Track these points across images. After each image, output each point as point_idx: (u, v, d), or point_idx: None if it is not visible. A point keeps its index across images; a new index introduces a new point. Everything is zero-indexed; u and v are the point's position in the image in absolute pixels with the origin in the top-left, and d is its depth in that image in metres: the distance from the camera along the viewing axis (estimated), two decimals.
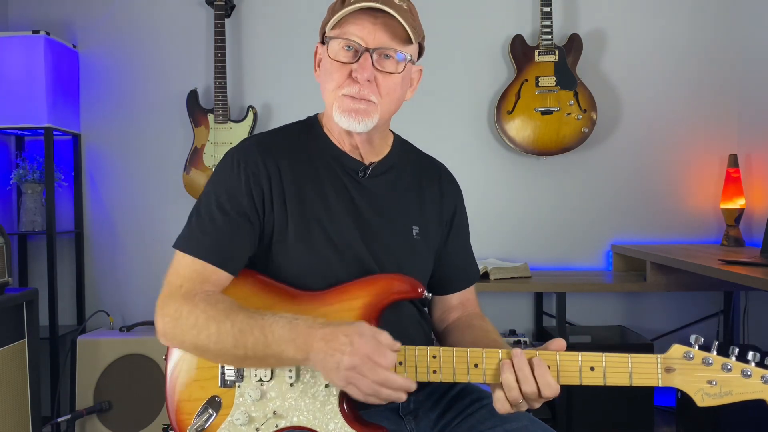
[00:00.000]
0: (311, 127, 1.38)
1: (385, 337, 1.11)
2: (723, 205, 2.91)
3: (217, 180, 1.31)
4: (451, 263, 1.45)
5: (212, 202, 1.28)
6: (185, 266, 1.25)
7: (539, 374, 1.12)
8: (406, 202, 1.38)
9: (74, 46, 3.09)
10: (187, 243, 1.26)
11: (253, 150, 1.31)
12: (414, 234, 1.36)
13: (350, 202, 1.32)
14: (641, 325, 3.10)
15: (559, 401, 2.72)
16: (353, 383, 1.08)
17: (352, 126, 1.27)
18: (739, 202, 2.87)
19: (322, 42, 1.32)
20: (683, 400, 2.62)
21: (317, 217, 1.29)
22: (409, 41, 1.27)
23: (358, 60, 1.24)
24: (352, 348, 1.07)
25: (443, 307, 1.48)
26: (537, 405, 1.15)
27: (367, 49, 1.24)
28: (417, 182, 1.41)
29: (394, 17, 1.23)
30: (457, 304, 1.48)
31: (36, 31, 2.82)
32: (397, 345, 1.12)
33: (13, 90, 2.80)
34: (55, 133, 2.89)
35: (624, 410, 2.68)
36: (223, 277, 1.25)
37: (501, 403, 1.14)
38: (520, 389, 1.12)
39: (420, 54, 1.37)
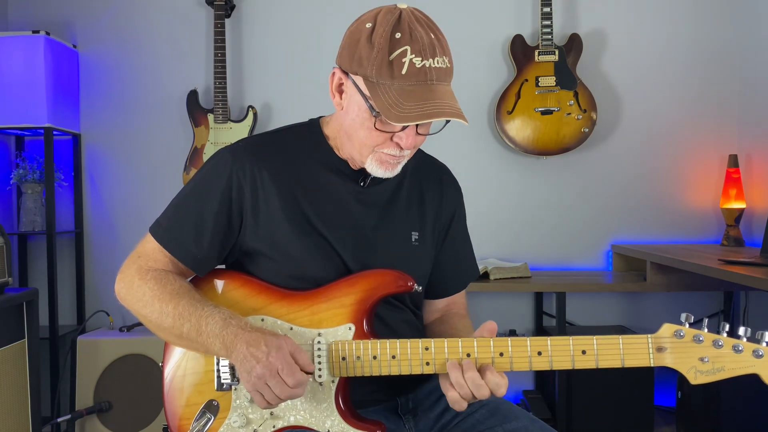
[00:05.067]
0: (312, 133, 1.36)
1: (302, 357, 1.16)
2: (723, 205, 2.91)
3: (202, 177, 1.31)
4: (442, 268, 1.44)
5: (191, 197, 1.31)
6: (151, 248, 1.30)
7: (489, 379, 1.14)
8: (406, 207, 1.37)
9: (74, 46, 3.09)
10: (157, 231, 1.30)
11: (245, 152, 1.31)
12: (413, 240, 1.36)
13: (348, 210, 1.32)
14: (641, 325, 3.10)
15: (558, 400, 2.72)
16: (259, 391, 1.15)
17: (386, 175, 1.27)
18: (739, 202, 2.87)
19: (345, 72, 1.22)
20: (683, 399, 2.62)
21: (310, 224, 1.29)
22: None
23: (402, 129, 1.20)
24: (266, 360, 1.13)
25: (429, 309, 1.48)
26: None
27: None
28: (418, 185, 1.40)
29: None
30: (443, 307, 1.48)
31: (36, 31, 2.82)
32: (312, 367, 1.18)
33: (13, 90, 2.80)
34: (55, 133, 2.89)
35: (624, 410, 2.68)
36: (183, 269, 1.30)
37: (457, 403, 1.17)
38: (471, 391, 1.15)
39: None
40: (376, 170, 1.26)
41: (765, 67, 2.88)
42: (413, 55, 1.14)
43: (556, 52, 2.94)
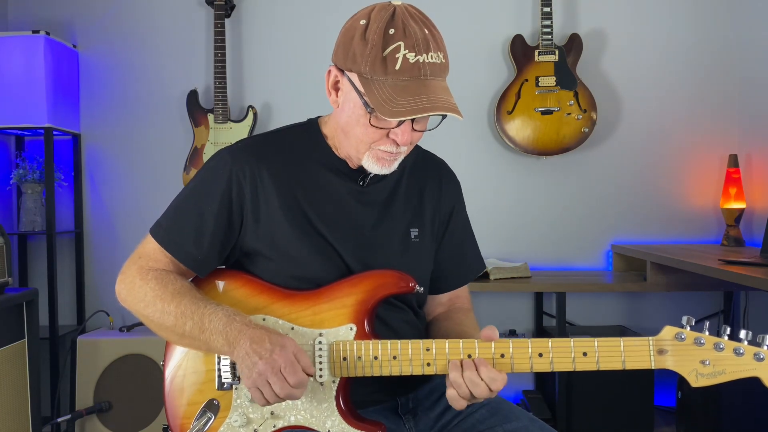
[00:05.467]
0: (310, 133, 1.36)
1: (304, 358, 1.16)
2: (723, 205, 2.91)
3: (202, 178, 1.32)
4: (442, 264, 1.44)
5: (191, 198, 1.31)
6: (152, 249, 1.30)
7: (484, 373, 1.15)
8: (405, 204, 1.37)
9: (74, 46, 3.09)
10: (157, 231, 1.30)
11: (244, 153, 1.31)
12: (413, 237, 1.36)
13: (348, 210, 1.32)
14: (641, 325, 3.10)
15: (558, 400, 2.72)
16: (259, 388, 1.15)
17: (383, 171, 1.27)
18: (739, 202, 2.87)
19: (340, 69, 1.23)
20: (683, 400, 2.62)
21: (310, 224, 1.29)
22: None
23: (398, 125, 1.20)
24: (269, 357, 1.14)
25: (432, 303, 1.47)
26: (493, 395, 1.18)
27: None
28: (417, 182, 1.40)
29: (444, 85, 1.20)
30: (446, 301, 1.48)
31: (36, 31, 2.82)
32: (313, 370, 1.18)
33: (13, 90, 2.80)
34: (55, 133, 2.89)
35: (624, 410, 2.68)
36: (184, 269, 1.30)
37: (456, 401, 1.17)
38: (469, 390, 1.15)
39: None
40: (372, 167, 1.26)
41: (765, 67, 2.88)
42: (407, 51, 1.14)
43: (556, 52, 2.94)
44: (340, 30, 1.24)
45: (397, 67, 1.14)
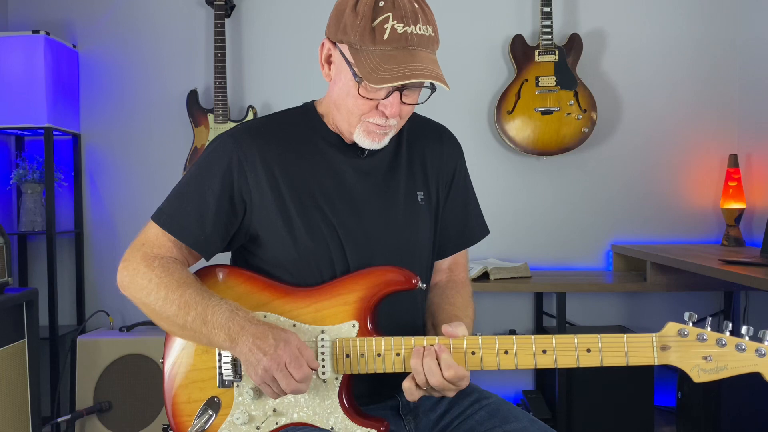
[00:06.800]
0: (307, 114, 1.37)
1: (308, 352, 1.17)
2: (723, 205, 2.91)
3: (203, 161, 1.32)
4: (444, 228, 1.44)
5: (192, 181, 1.31)
6: (154, 234, 1.29)
7: (443, 360, 1.16)
8: (408, 169, 1.38)
9: (74, 46, 3.09)
10: (160, 216, 1.29)
11: (244, 135, 1.31)
12: (419, 200, 1.37)
13: (350, 182, 1.32)
14: (641, 325, 3.10)
15: (558, 400, 2.72)
16: (266, 383, 1.17)
17: (373, 146, 1.28)
18: (739, 202, 2.87)
19: (333, 42, 1.25)
20: (683, 399, 2.62)
21: (314, 199, 1.29)
22: None
23: (387, 97, 1.22)
24: (274, 353, 1.15)
25: (434, 269, 1.47)
26: (450, 393, 1.19)
27: (397, 88, 1.21)
28: (418, 146, 1.41)
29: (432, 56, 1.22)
30: (446, 268, 1.48)
31: (36, 31, 2.82)
32: (317, 364, 1.19)
33: (13, 90, 2.80)
34: (55, 133, 2.88)
35: (624, 410, 2.68)
36: (187, 254, 1.30)
37: (410, 393, 1.20)
38: (426, 378, 1.17)
39: None
40: (363, 141, 1.27)
41: (765, 67, 2.88)
42: (395, 21, 1.17)
43: (556, 52, 2.94)
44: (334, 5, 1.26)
45: (385, 36, 1.17)
